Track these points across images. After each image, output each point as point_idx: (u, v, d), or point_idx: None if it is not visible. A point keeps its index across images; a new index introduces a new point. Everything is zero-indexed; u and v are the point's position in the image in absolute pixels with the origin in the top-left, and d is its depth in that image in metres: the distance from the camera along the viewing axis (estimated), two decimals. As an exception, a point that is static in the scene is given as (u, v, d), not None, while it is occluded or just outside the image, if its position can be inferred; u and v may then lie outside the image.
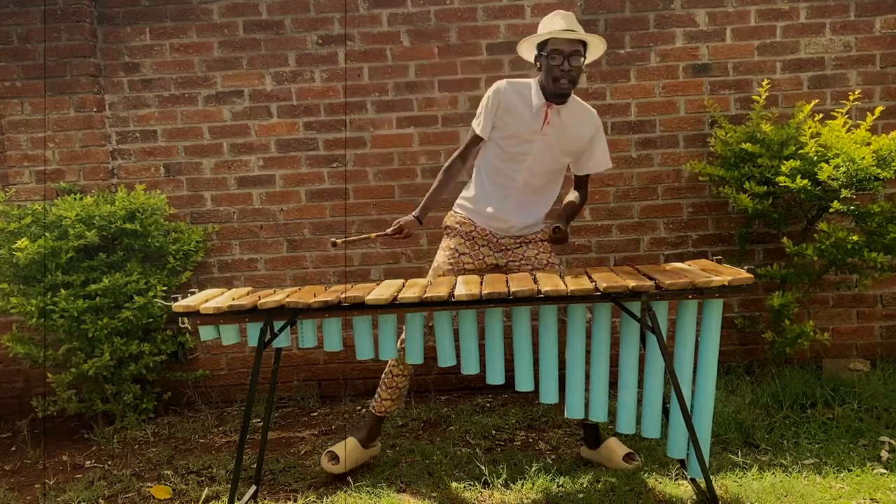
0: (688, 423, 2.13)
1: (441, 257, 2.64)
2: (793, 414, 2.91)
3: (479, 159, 2.66)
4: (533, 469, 2.58)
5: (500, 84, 2.54)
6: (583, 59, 2.45)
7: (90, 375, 3.13)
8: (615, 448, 2.60)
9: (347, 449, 2.62)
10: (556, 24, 2.44)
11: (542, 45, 2.45)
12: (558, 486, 2.45)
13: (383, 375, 2.68)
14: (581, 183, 2.70)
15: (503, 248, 2.62)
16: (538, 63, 2.48)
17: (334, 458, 2.60)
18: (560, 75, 2.40)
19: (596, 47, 2.53)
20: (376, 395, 2.70)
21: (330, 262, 3.57)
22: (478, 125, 2.56)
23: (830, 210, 2.96)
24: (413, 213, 2.56)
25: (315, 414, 3.40)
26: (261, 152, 3.53)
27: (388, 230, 2.54)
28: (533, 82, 2.51)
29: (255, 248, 3.56)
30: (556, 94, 2.44)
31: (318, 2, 3.45)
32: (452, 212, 2.70)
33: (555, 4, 3.40)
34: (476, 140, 2.60)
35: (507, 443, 2.91)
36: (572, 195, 2.66)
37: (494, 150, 2.57)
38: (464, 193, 2.68)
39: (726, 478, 2.44)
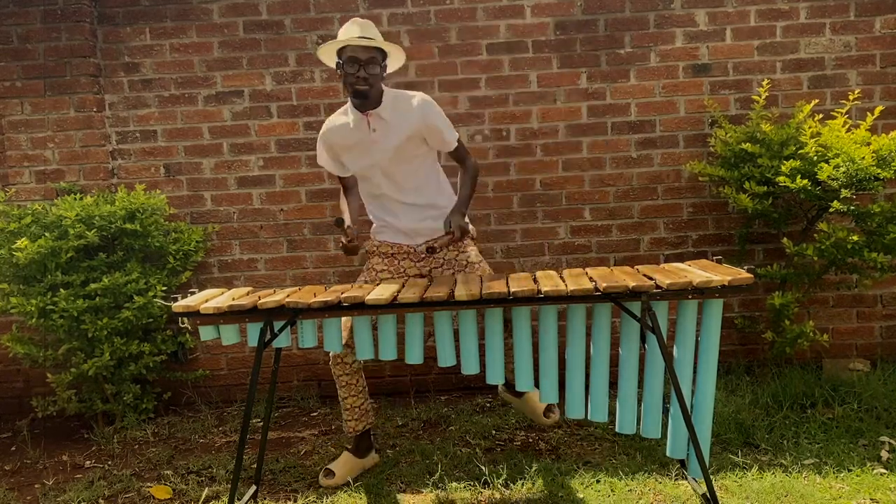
0: (688, 423, 2.13)
1: (361, 278, 2.68)
2: (793, 414, 2.91)
3: (360, 192, 2.73)
4: (533, 469, 2.58)
5: (323, 128, 2.62)
6: (381, 67, 2.46)
7: (90, 375, 3.13)
8: (537, 401, 2.64)
9: (342, 461, 2.62)
10: (352, 31, 2.45)
11: (340, 53, 2.48)
12: (558, 486, 2.45)
13: (339, 397, 2.69)
14: (455, 159, 2.66)
15: (423, 255, 2.64)
16: (339, 70, 2.49)
17: (329, 473, 2.59)
18: (355, 82, 2.42)
19: (396, 56, 2.57)
20: (342, 417, 2.71)
21: (330, 262, 3.57)
22: (325, 165, 2.69)
23: (830, 210, 2.96)
24: (347, 224, 2.55)
25: (315, 414, 3.40)
26: (261, 152, 3.53)
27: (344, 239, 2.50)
28: (349, 102, 2.56)
29: (255, 248, 3.56)
30: (355, 96, 2.46)
31: (318, 2, 3.45)
32: (369, 239, 2.75)
33: (554, 5, 3.40)
34: (340, 176, 2.70)
35: (507, 443, 2.91)
36: (459, 177, 2.66)
37: (357, 179, 2.66)
38: (371, 225, 2.74)
39: (726, 478, 2.44)
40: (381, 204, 2.65)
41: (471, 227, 2.66)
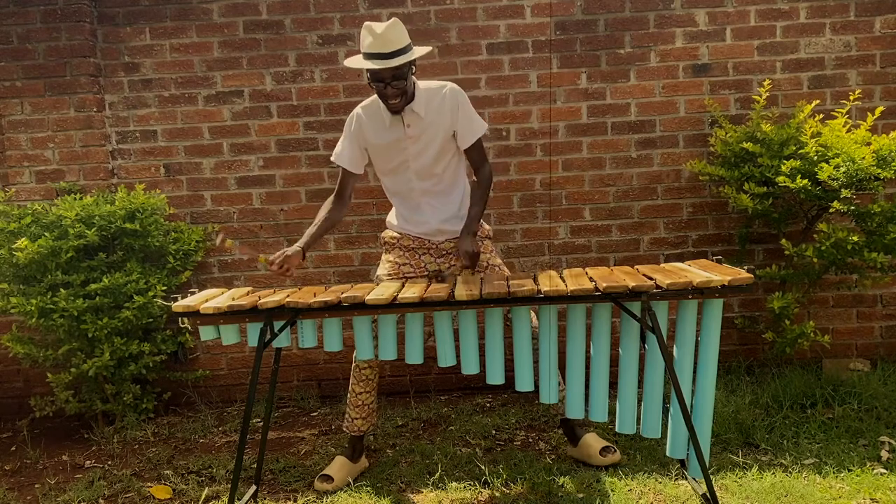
0: (688, 423, 2.13)
1: (381, 270, 2.67)
2: (793, 414, 2.91)
3: (383, 185, 2.69)
4: (533, 469, 2.58)
5: (353, 112, 2.57)
6: (409, 72, 2.40)
7: (90, 375, 3.13)
8: (592, 443, 2.61)
9: (336, 467, 2.61)
10: (371, 46, 2.33)
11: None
12: (558, 486, 2.45)
13: (348, 393, 2.69)
14: (472, 160, 2.61)
15: (445, 252, 2.64)
16: (368, 80, 2.43)
17: (326, 478, 2.58)
18: (385, 98, 2.41)
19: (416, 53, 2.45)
20: (346, 414, 2.70)
21: (330, 262, 3.57)
22: (339, 158, 2.59)
23: (830, 210, 2.96)
24: (298, 244, 2.46)
25: (315, 414, 3.40)
26: (261, 152, 3.53)
27: (273, 259, 2.38)
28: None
29: (255, 248, 3.56)
30: (390, 110, 2.45)
31: (318, 2, 3.45)
32: (388, 230, 2.72)
33: (554, 5, 3.40)
34: (346, 174, 2.61)
35: (507, 443, 2.91)
36: (472, 191, 2.63)
37: (381, 173, 2.63)
38: (390, 214, 2.72)
39: (726, 478, 2.44)
40: (407, 200, 2.62)
41: (486, 226, 2.68)
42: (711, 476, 2.34)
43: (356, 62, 2.39)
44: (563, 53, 3.44)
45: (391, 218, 2.71)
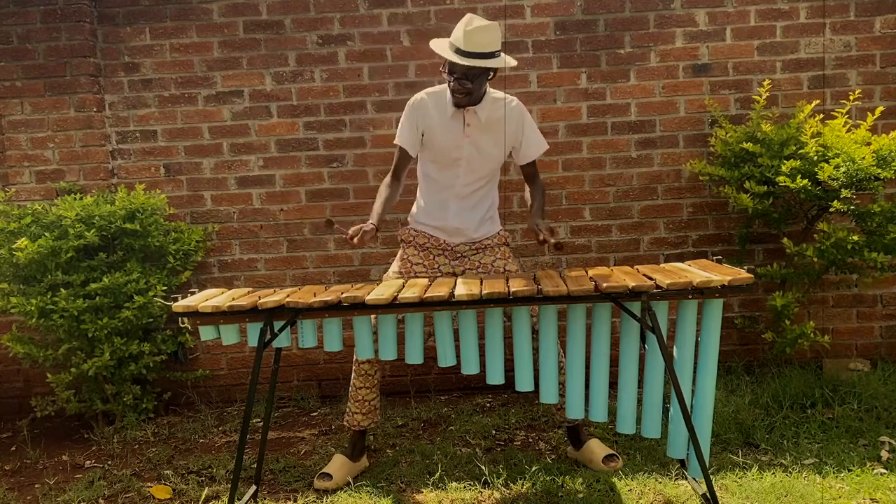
0: (688, 423, 2.13)
1: (393, 267, 2.68)
2: (793, 414, 2.91)
3: (418, 172, 2.70)
4: (533, 469, 2.58)
5: (417, 96, 2.58)
6: (487, 78, 2.44)
7: (90, 375, 3.13)
8: (596, 450, 2.60)
9: (336, 465, 2.61)
10: (458, 37, 2.35)
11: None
12: (558, 486, 2.45)
13: (350, 387, 2.69)
14: (528, 174, 2.67)
15: (459, 255, 2.65)
16: (443, 70, 2.46)
17: (326, 476, 2.57)
18: (454, 90, 2.43)
19: (502, 61, 2.44)
20: (347, 409, 2.70)
21: (330, 262, 3.57)
22: (400, 139, 2.58)
23: (830, 210, 2.96)
24: (371, 221, 2.41)
25: (315, 414, 3.40)
26: (261, 152, 3.53)
27: (351, 234, 2.33)
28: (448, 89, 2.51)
29: (255, 248, 3.56)
30: (455, 105, 2.48)
31: (318, 2, 3.45)
32: (406, 227, 2.73)
33: (554, 4, 3.40)
34: (404, 155, 2.59)
35: (507, 443, 2.91)
36: (528, 192, 2.65)
37: (429, 161, 2.62)
38: (413, 208, 2.72)
39: (726, 478, 2.44)
40: (440, 194, 2.62)
41: (504, 231, 2.70)
42: (711, 476, 2.34)
43: (440, 46, 2.43)
44: (563, 53, 3.44)
45: (412, 212, 2.71)
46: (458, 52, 2.36)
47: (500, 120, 2.52)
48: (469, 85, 2.40)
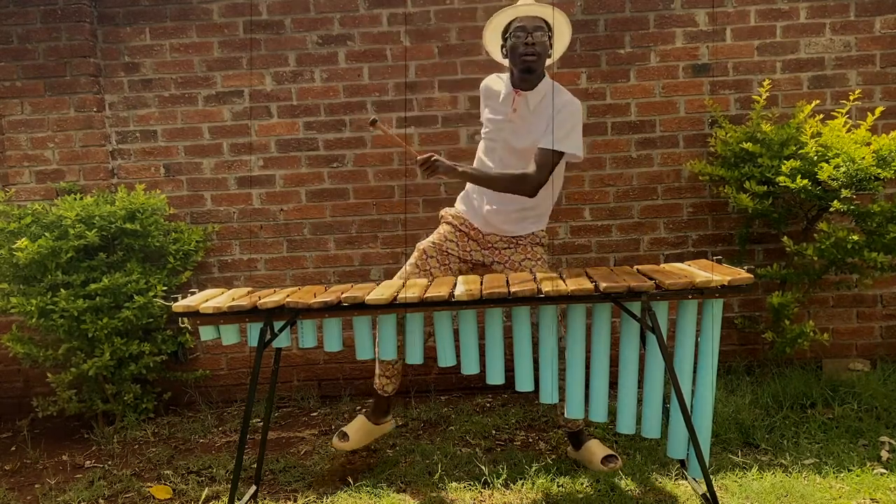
0: (688, 423, 2.13)
1: (430, 238, 2.70)
2: (793, 414, 2.91)
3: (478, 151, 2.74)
4: (533, 469, 2.58)
5: (484, 81, 2.71)
6: (548, 36, 2.49)
7: (90, 375, 3.13)
8: (595, 450, 2.60)
9: (356, 426, 2.64)
10: (510, 10, 2.52)
11: (505, 31, 2.54)
12: (558, 486, 2.45)
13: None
14: (536, 160, 2.48)
15: (490, 245, 2.66)
16: (504, 51, 2.57)
17: (344, 436, 2.61)
18: (525, 50, 2.45)
19: (561, 32, 2.59)
20: (376, 371, 2.73)
21: (330, 262, 3.57)
22: (482, 116, 2.69)
23: (830, 210, 2.96)
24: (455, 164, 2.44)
25: (315, 414, 3.40)
26: (261, 152, 3.53)
27: (421, 159, 2.39)
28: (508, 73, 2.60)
29: (255, 248, 3.56)
30: (523, 71, 2.48)
31: (318, 2, 3.45)
32: (451, 207, 2.78)
33: (554, 4, 3.39)
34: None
35: (507, 443, 2.91)
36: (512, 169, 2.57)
37: (483, 137, 2.67)
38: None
39: (726, 478, 2.44)
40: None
41: (542, 232, 2.66)
42: (711, 476, 2.34)
43: (502, 14, 2.51)
44: (564, 53, 3.44)
45: (460, 195, 2.77)
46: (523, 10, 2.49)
47: (549, 114, 2.46)
48: (543, 38, 2.45)
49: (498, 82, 2.63)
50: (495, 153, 2.59)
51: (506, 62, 2.60)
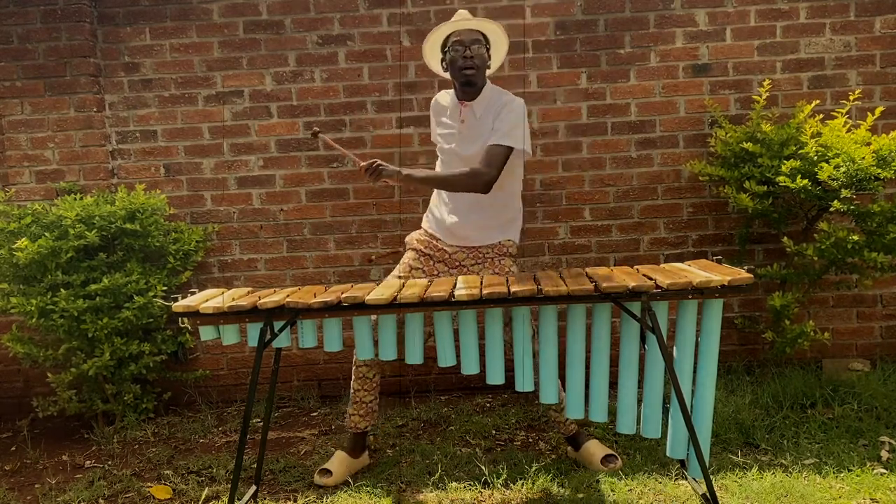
0: (688, 423, 2.13)
1: (394, 272, 2.71)
2: (793, 414, 2.91)
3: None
4: (533, 469, 2.58)
5: (438, 93, 2.76)
6: (485, 48, 2.56)
7: (90, 375, 3.13)
8: (594, 451, 2.60)
9: (336, 462, 2.62)
10: (453, 19, 2.61)
11: (444, 45, 2.60)
12: (558, 486, 2.45)
13: (350, 389, 2.71)
14: (484, 157, 2.46)
15: (458, 263, 2.65)
16: (444, 64, 2.62)
17: (325, 472, 2.59)
18: (463, 63, 2.49)
19: (497, 42, 2.65)
20: (347, 410, 2.74)
21: (330, 262, 3.57)
22: (433, 136, 2.77)
23: (830, 210, 2.96)
24: (397, 168, 2.46)
25: (315, 414, 3.40)
26: (261, 152, 3.53)
27: (363, 165, 2.46)
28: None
29: (255, 248, 3.56)
30: (463, 84, 2.52)
31: (318, 2, 3.45)
32: (417, 230, 2.78)
33: (554, 4, 3.40)
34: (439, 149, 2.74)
35: (507, 443, 2.91)
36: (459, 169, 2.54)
37: (439, 152, 2.72)
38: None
39: (726, 478, 2.44)
40: (441, 191, 2.69)
41: (512, 241, 2.66)
42: (711, 476, 2.34)
43: (439, 30, 2.57)
44: (563, 53, 3.44)
45: (424, 217, 2.80)
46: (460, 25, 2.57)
47: (494, 112, 2.52)
48: (469, 53, 2.49)
49: (445, 97, 2.70)
50: (451, 165, 2.62)
51: (447, 75, 2.65)
